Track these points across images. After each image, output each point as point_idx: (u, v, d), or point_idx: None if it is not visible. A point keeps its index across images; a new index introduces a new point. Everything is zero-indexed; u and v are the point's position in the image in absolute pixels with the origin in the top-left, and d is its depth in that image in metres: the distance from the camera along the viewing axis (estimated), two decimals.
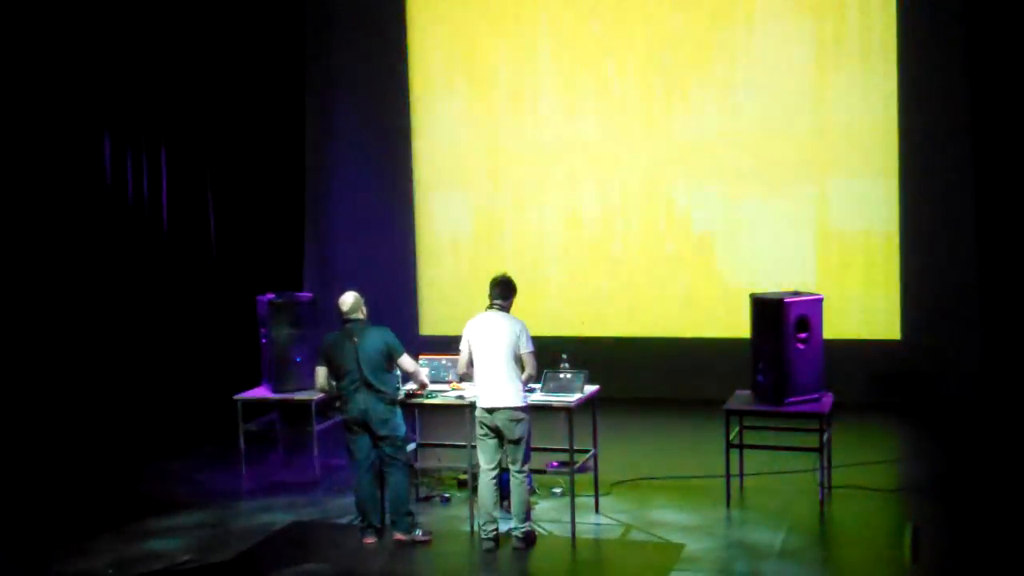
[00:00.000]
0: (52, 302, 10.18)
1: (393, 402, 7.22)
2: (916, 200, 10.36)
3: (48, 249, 10.16)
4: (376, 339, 7.17)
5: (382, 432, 7.15)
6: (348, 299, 7.30)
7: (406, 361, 7.29)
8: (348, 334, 7.19)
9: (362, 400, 7.10)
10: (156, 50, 10.70)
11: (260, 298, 9.07)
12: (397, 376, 7.38)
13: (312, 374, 8.79)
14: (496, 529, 7.05)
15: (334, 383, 7.25)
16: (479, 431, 7.06)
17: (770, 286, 9.42)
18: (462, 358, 7.13)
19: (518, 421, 6.94)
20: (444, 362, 7.78)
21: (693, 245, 11.10)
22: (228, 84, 11.17)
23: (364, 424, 7.15)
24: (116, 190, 10.65)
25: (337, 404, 7.37)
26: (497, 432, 6.99)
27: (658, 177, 11.15)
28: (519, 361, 6.96)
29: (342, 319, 7.27)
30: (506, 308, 7.08)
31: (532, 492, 7.58)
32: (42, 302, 10.11)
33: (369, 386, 7.10)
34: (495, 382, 6.94)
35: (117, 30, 10.47)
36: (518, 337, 6.96)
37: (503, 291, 7.10)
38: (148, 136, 10.83)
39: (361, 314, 7.28)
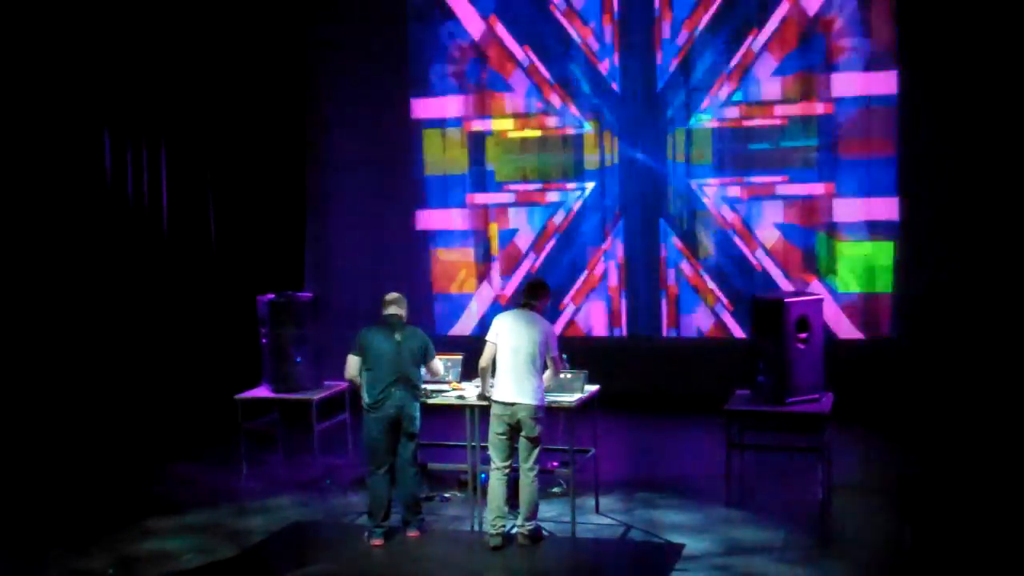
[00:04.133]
0: (52, 301, 10.19)
1: (420, 399, 7.30)
2: (914, 200, 10.37)
3: (48, 248, 10.16)
4: (416, 338, 7.23)
5: (411, 429, 7.15)
6: (392, 294, 7.37)
7: (437, 364, 7.41)
8: (390, 328, 7.20)
9: (399, 397, 7.10)
10: (156, 48, 10.71)
11: (260, 298, 9.07)
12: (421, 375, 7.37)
13: (312, 374, 8.85)
14: (504, 526, 7.06)
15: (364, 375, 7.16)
16: (496, 427, 7.02)
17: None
18: (487, 352, 7.11)
19: (538, 420, 6.95)
20: (444, 362, 7.78)
21: (693, 243, 11.11)
22: (229, 83, 11.18)
23: (396, 421, 7.11)
24: (116, 189, 10.66)
25: (365, 400, 7.15)
26: (513, 429, 6.98)
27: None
28: (543, 363, 6.99)
29: (384, 313, 7.28)
30: (537, 309, 7.12)
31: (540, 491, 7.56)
32: (42, 301, 10.12)
33: (408, 383, 7.12)
34: (518, 379, 6.93)
35: (117, 28, 10.48)
36: (547, 339, 7.00)
37: (537, 292, 7.19)
38: (148, 135, 10.84)
39: (402, 312, 7.31)
